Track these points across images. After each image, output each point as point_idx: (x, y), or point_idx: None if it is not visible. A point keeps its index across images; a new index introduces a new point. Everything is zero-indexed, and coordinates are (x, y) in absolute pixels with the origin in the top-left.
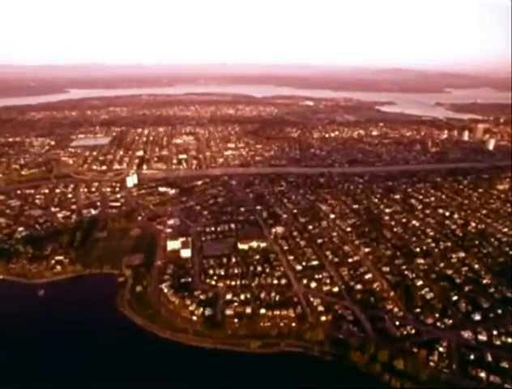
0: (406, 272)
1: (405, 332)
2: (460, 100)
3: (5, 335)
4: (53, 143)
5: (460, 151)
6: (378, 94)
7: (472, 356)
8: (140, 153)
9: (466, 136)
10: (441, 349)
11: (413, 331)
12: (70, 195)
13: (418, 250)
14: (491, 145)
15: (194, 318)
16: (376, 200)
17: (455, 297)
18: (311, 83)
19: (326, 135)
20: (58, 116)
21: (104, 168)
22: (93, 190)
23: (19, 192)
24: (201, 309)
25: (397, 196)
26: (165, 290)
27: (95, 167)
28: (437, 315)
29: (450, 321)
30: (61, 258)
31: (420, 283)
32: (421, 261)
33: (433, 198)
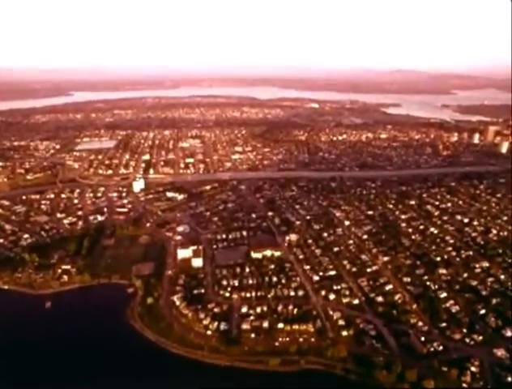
0: (428, 283)
1: (432, 349)
2: (466, 102)
3: (10, 349)
4: (58, 146)
5: (472, 154)
6: (383, 96)
7: (510, 378)
8: (146, 157)
9: (476, 139)
10: (473, 369)
11: (441, 348)
12: (75, 201)
13: (439, 259)
14: (504, 148)
15: (209, 332)
16: (391, 206)
17: (483, 311)
18: (314, 85)
19: (334, 138)
20: (63, 119)
21: (110, 172)
22: (99, 195)
23: (24, 197)
24: (215, 324)
25: (412, 202)
26: (177, 302)
27: (101, 171)
28: (464, 330)
29: (480, 337)
30: (68, 267)
31: (443, 295)
32: (443, 271)
33: (449, 204)
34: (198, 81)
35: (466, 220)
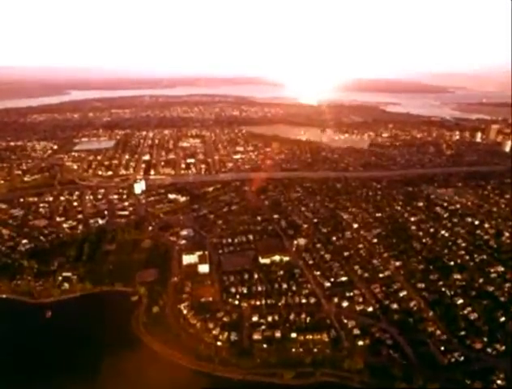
0: (443, 289)
1: (453, 359)
2: (465, 100)
3: (10, 361)
4: (55, 147)
5: (475, 153)
6: (381, 94)
7: None
8: (146, 157)
9: (478, 137)
10: (499, 382)
11: (462, 359)
12: (75, 203)
13: (452, 263)
14: (507, 147)
15: (219, 343)
16: (399, 208)
17: (502, 318)
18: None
19: (336, 137)
20: (60, 118)
21: (109, 173)
22: (99, 197)
23: (22, 200)
24: (226, 334)
25: (420, 203)
26: (184, 311)
27: (100, 172)
28: (485, 339)
29: (502, 347)
30: (68, 274)
31: (460, 301)
32: (458, 276)
33: (458, 206)
34: (192, 81)
35: (476, 222)
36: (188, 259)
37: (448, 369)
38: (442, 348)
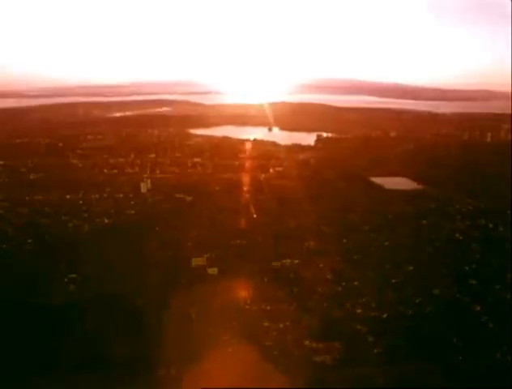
0: (458, 295)
1: (473, 372)
2: (468, 98)
3: (13, 368)
4: (60, 144)
5: (486, 152)
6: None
7: None
8: (152, 156)
9: (489, 137)
10: None
11: (483, 370)
12: (80, 202)
13: (467, 268)
14: None
15: (229, 349)
16: (409, 210)
17: None
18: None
19: (343, 136)
20: (65, 115)
21: (115, 171)
22: (105, 196)
23: (26, 198)
24: (236, 340)
25: (432, 205)
26: (193, 316)
27: (105, 170)
28: (505, 349)
29: None
30: (74, 275)
31: (477, 309)
32: (473, 282)
33: (471, 208)
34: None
35: (490, 226)
36: (197, 261)
37: (469, 381)
38: (460, 358)
